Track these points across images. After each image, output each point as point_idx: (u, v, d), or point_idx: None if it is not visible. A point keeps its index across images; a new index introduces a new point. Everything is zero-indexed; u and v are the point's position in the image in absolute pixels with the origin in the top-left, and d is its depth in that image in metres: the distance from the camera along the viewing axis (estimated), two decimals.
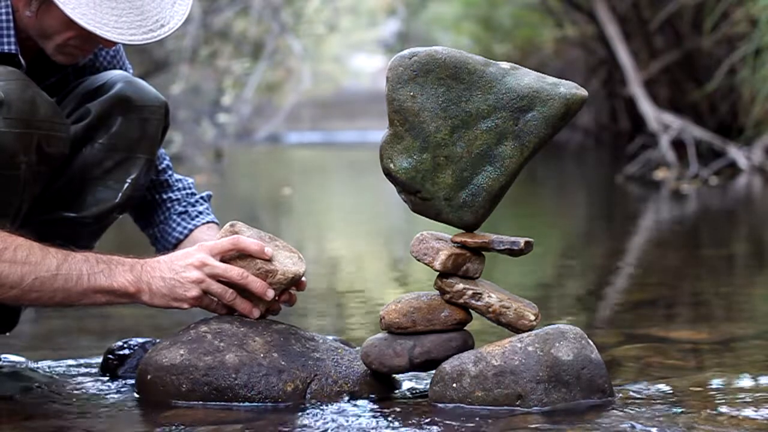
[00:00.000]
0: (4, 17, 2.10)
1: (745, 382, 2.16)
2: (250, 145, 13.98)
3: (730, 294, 3.52)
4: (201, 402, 2.00)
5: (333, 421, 1.90)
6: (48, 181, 2.19)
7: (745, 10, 8.99)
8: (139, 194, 2.30)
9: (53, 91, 2.23)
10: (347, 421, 1.90)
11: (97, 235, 2.33)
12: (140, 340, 2.30)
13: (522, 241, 2.00)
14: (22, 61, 2.13)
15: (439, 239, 2.02)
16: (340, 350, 2.10)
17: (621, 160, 9.44)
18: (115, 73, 2.29)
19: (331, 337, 2.21)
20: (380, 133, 2.00)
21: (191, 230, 2.37)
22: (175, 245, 2.34)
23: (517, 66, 1.99)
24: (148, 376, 2.04)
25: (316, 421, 1.90)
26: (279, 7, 13.20)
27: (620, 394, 2.03)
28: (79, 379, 2.25)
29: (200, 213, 2.40)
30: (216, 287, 2.06)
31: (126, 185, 2.25)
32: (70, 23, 2.04)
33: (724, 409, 1.94)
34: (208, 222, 2.39)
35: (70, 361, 2.42)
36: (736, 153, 8.62)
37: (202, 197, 2.43)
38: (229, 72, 12.76)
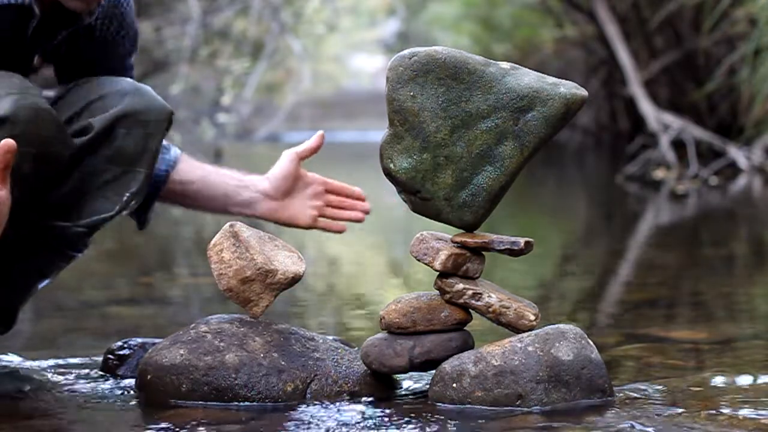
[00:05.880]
0: None
1: (745, 382, 2.16)
2: (250, 144, 13.99)
3: (730, 294, 3.52)
4: (201, 402, 2.00)
5: (333, 421, 1.90)
6: (45, 190, 2.18)
7: (745, 10, 8.98)
8: (135, 205, 2.29)
9: (57, 52, 2.20)
10: (347, 421, 1.90)
11: (89, 239, 2.32)
12: (140, 340, 2.30)
13: (522, 241, 2.00)
14: (36, 10, 2.12)
15: (439, 239, 2.02)
16: (340, 350, 2.10)
17: (621, 160, 9.44)
18: (119, 84, 2.26)
19: (331, 337, 2.21)
20: (380, 133, 2.00)
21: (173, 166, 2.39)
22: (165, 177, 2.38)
23: (517, 66, 1.99)
24: (148, 376, 2.04)
25: (316, 421, 1.90)
26: (279, 7, 13.20)
27: (620, 394, 2.03)
28: (79, 379, 2.25)
29: (170, 146, 2.44)
30: None
31: (125, 198, 2.23)
32: None
33: (724, 409, 1.94)
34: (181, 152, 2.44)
35: (70, 361, 2.41)
36: (736, 153, 8.62)
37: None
38: (228, 72, 12.76)
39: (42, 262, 2.27)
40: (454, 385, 1.95)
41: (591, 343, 1.99)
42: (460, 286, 2.00)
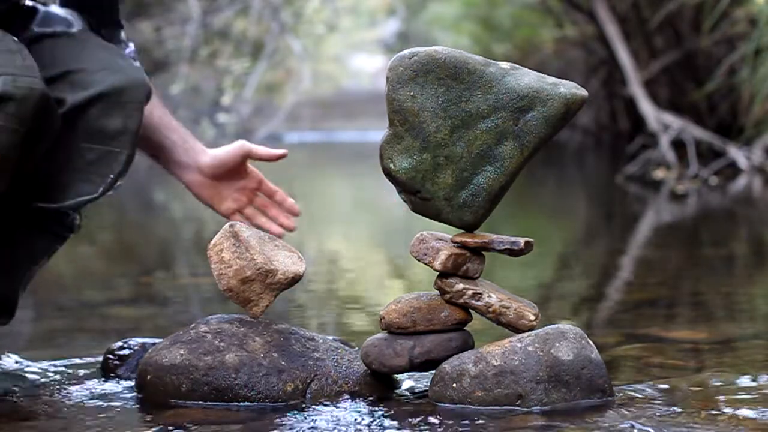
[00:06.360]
0: None
1: (745, 382, 2.16)
2: None
3: (730, 294, 3.52)
4: (201, 402, 2.00)
5: (333, 421, 1.90)
6: (33, 170, 2.18)
7: (745, 10, 8.99)
8: (119, 186, 2.29)
9: None
10: (347, 421, 1.90)
11: (77, 220, 2.32)
12: (140, 340, 2.30)
13: (522, 241, 2.00)
14: None
15: (439, 239, 2.02)
16: (340, 350, 2.11)
17: (621, 160, 9.44)
18: (101, 59, 2.24)
19: (331, 337, 2.21)
20: (380, 133, 2.00)
21: None
22: None
23: (517, 66, 1.99)
24: (148, 376, 2.04)
25: (316, 421, 1.90)
26: (279, 7, 13.21)
27: (620, 394, 2.03)
28: (79, 379, 2.25)
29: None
30: None
31: (109, 180, 2.23)
32: None
33: (724, 409, 1.94)
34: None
35: (70, 361, 2.42)
36: (736, 153, 8.62)
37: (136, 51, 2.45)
38: (228, 72, 12.77)
39: (33, 245, 2.27)
40: (454, 385, 1.95)
41: (591, 343, 1.99)
42: (460, 286, 2.00)
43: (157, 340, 2.22)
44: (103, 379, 2.24)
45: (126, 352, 2.28)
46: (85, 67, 2.23)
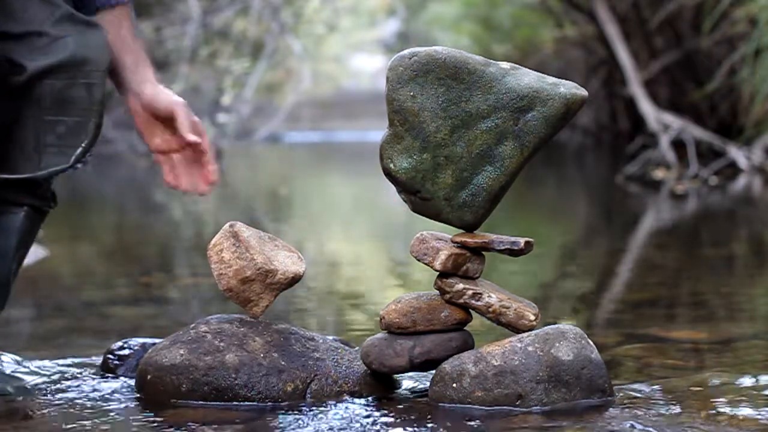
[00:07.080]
0: None
1: (745, 382, 2.16)
2: (250, 145, 13.98)
3: (730, 294, 3.52)
4: (201, 402, 2.00)
5: (333, 421, 1.90)
6: None
7: (745, 10, 8.99)
8: (89, 157, 2.28)
9: None
10: (347, 421, 1.90)
11: (51, 192, 2.32)
12: (140, 340, 2.30)
13: (522, 241, 2.00)
14: None
15: (439, 239, 2.02)
16: (340, 350, 2.11)
17: (621, 160, 9.44)
18: (67, 27, 2.22)
19: (331, 337, 2.21)
20: (380, 133, 2.01)
21: (113, 6, 2.35)
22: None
23: (517, 66, 1.99)
24: (148, 376, 2.04)
25: (316, 421, 1.90)
26: (279, 7, 13.22)
27: (620, 394, 2.03)
28: (79, 379, 2.25)
29: None
30: None
31: (79, 150, 2.22)
32: None
33: (724, 409, 1.94)
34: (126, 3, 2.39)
35: (70, 361, 2.41)
36: (736, 153, 8.62)
37: None
38: (228, 72, 12.78)
39: (11, 222, 2.25)
40: (454, 385, 1.95)
41: (591, 343, 1.99)
42: (460, 286, 2.01)
43: (157, 340, 2.22)
44: (103, 379, 2.24)
45: (126, 352, 2.28)
46: (49, 32, 2.20)
